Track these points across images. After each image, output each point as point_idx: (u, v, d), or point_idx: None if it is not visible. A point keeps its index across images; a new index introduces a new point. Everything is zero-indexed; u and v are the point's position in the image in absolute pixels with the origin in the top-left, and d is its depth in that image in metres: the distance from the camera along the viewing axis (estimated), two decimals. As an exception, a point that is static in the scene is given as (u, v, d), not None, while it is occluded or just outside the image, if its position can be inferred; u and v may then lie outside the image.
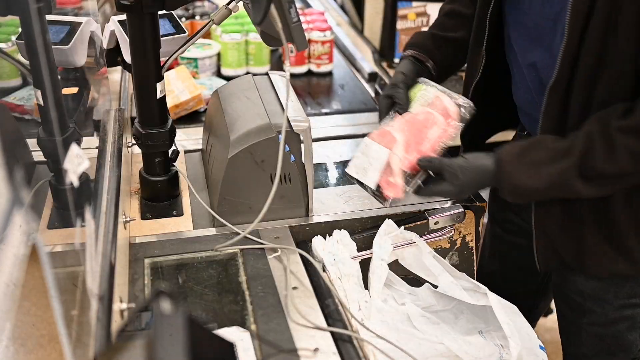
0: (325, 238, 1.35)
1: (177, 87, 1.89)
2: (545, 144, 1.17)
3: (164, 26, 1.41)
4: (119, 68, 1.59)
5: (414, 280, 1.40)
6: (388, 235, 1.35)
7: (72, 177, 0.85)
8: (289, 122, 1.33)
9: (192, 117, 1.89)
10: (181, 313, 0.66)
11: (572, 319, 1.42)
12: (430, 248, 1.38)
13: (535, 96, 1.27)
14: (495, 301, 1.29)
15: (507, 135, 1.58)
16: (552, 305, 1.66)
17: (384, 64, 2.28)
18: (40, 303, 0.74)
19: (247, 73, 1.97)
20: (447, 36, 1.48)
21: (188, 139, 1.75)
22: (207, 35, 2.21)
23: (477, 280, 1.37)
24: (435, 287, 1.37)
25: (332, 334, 1.11)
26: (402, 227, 1.39)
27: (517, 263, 1.63)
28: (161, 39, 1.34)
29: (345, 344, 1.10)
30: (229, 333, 1.10)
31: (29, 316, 0.78)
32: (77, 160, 0.85)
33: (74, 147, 0.88)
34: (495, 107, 1.45)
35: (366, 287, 1.30)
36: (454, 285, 1.33)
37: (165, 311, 0.67)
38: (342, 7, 2.79)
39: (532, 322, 1.69)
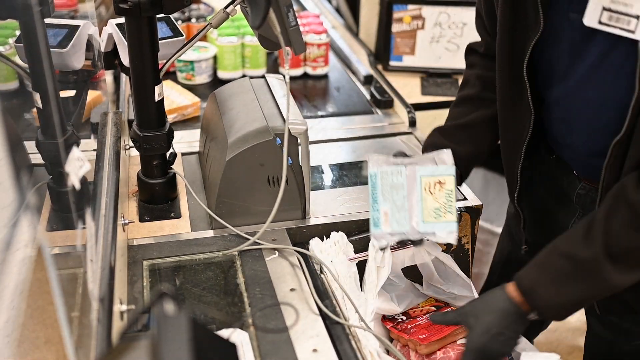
0: (322, 240, 1.36)
1: (174, 96, 1.90)
2: (559, 250, 1.09)
3: (162, 29, 1.42)
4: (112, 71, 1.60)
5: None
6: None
7: (74, 180, 0.86)
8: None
9: (188, 120, 1.89)
10: (184, 314, 0.66)
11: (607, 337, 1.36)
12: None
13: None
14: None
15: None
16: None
17: (380, 67, 2.29)
18: (35, 305, 0.74)
19: (244, 76, 1.97)
20: (466, 122, 1.37)
21: (185, 141, 1.75)
22: (204, 38, 2.21)
23: (484, 288, 1.33)
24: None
25: (330, 335, 1.12)
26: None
27: None
28: (159, 42, 1.35)
29: (343, 344, 1.11)
30: (227, 334, 1.10)
31: (24, 317, 0.78)
32: (78, 163, 0.86)
33: (74, 150, 0.89)
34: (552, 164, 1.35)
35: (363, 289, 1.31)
36: None
37: (168, 313, 0.67)
38: (338, 10, 2.80)
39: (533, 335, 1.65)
